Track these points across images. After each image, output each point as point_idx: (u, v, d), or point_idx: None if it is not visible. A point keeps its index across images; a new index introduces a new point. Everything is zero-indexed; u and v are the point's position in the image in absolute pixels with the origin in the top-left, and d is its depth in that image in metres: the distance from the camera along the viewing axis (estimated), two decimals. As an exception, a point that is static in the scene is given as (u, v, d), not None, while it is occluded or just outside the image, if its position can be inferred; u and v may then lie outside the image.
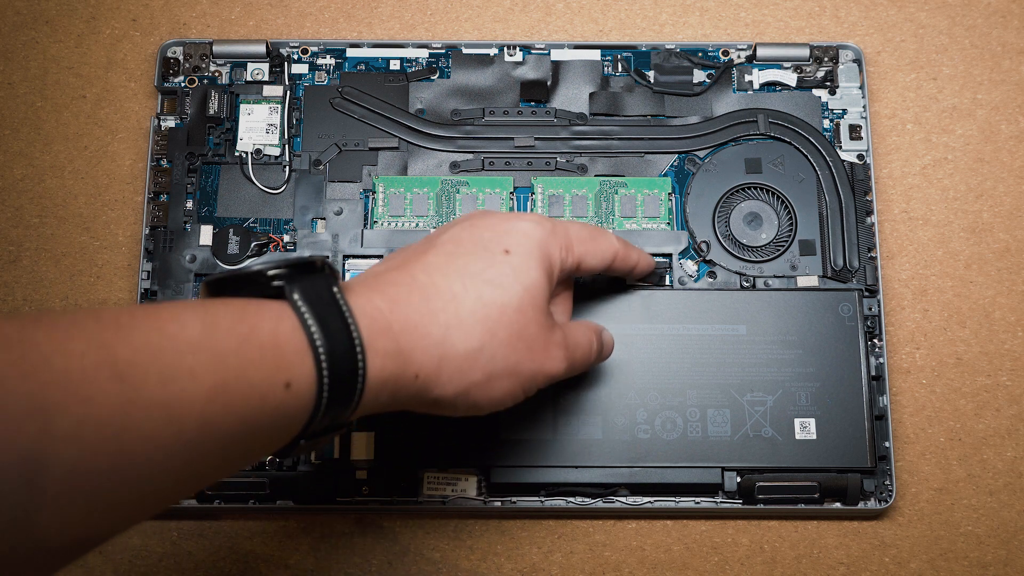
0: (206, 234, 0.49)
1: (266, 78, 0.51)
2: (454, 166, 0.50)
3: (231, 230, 0.49)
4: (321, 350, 0.30)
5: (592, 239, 0.40)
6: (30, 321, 0.25)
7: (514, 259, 0.36)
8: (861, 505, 0.45)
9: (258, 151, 0.50)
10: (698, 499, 0.45)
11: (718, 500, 0.45)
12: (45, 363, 0.24)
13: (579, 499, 0.45)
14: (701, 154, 0.50)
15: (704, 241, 0.48)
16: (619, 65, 0.51)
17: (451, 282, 0.34)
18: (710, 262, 0.48)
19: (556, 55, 0.51)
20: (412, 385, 0.33)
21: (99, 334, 0.26)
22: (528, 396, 0.37)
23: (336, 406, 0.31)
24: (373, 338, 0.32)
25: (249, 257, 0.48)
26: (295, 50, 0.51)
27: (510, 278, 0.35)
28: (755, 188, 0.49)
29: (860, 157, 0.50)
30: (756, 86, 0.51)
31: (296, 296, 0.31)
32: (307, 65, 0.51)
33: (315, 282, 0.31)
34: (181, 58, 0.51)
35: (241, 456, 0.30)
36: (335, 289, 0.32)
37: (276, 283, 0.31)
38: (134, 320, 0.27)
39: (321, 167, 0.50)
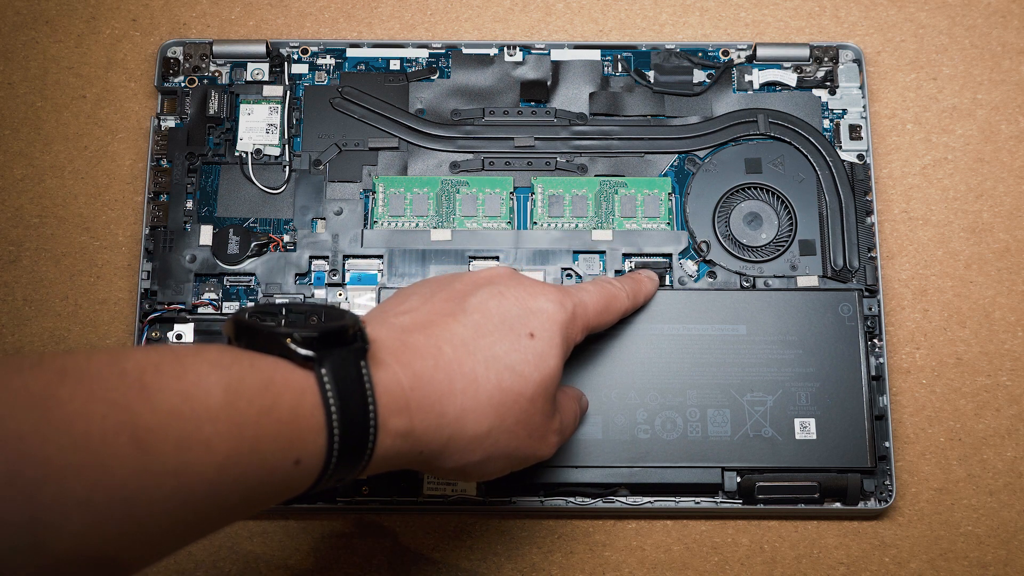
0: (206, 234, 0.49)
1: (266, 78, 0.51)
2: (454, 166, 0.50)
3: (231, 230, 0.49)
4: (336, 432, 0.30)
5: (606, 310, 0.42)
6: (56, 376, 0.25)
7: (537, 345, 0.36)
8: (861, 505, 0.45)
9: (258, 151, 0.50)
10: (698, 499, 0.45)
11: (718, 500, 0.45)
12: (67, 426, 0.24)
13: (579, 499, 0.45)
14: (701, 154, 0.50)
15: (704, 241, 0.48)
16: (619, 65, 0.51)
17: (475, 363, 0.35)
18: (710, 262, 0.48)
19: (556, 55, 0.51)
20: (415, 459, 0.34)
21: (123, 395, 0.26)
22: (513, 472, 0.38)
23: (337, 476, 0.31)
24: (388, 417, 0.32)
25: (249, 257, 0.48)
26: (295, 50, 0.51)
27: (531, 366, 0.36)
28: (755, 188, 0.49)
29: (860, 157, 0.50)
30: (756, 86, 0.51)
31: (324, 372, 0.30)
32: (307, 65, 0.51)
33: (345, 357, 0.31)
34: (181, 58, 0.51)
35: (238, 516, 0.30)
36: (363, 365, 0.31)
37: (304, 352, 0.30)
38: (159, 380, 0.27)
39: (321, 167, 0.50)
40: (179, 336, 0.47)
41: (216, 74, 0.51)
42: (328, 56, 0.51)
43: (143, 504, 0.25)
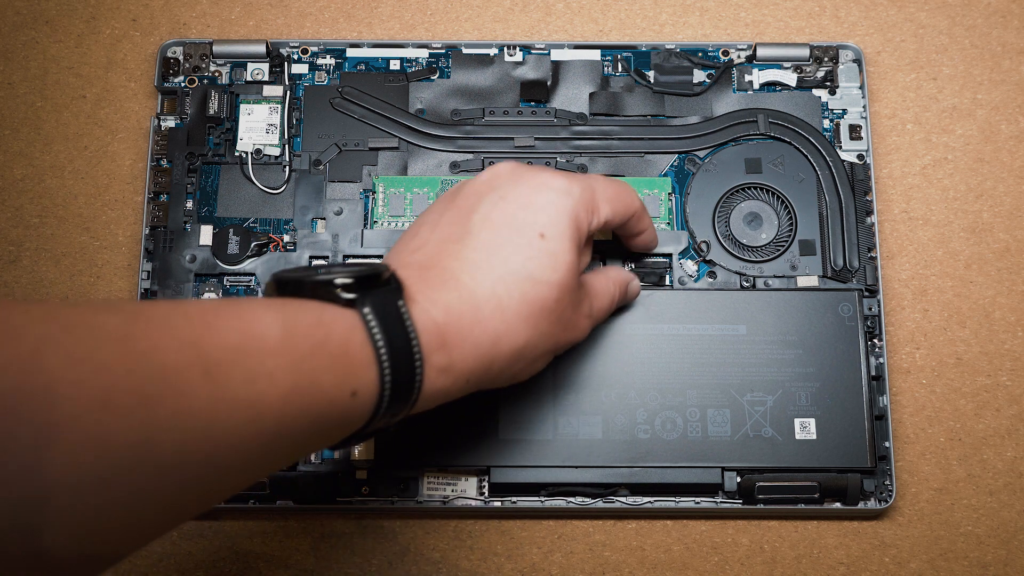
0: (206, 234, 0.49)
1: (266, 78, 0.51)
2: (454, 166, 0.50)
3: (231, 230, 0.49)
4: (386, 365, 0.32)
5: (618, 197, 0.41)
6: (130, 316, 0.27)
7: (549, 244, 0.37)
8: (861, 505, 0.45)
9: (258, 151, 0.50)
10: (698, 499, 0.45)
11: (718, 500, 0.45)
12: (146, 359, 0.26)
13: (579, 499, 0.45)
14: (701, 154, 0.50)
15: (704, 241, 0.48)
16: (619, 65, 0.51)
17: (495, 284, 0.36)
18: (710, 262, 0.48)
19: (556, 55, 0.51)
20: (463, 388, 0.36)
21: (190, 332, 0.28)
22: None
23: (391, 411, 0.33)
24: (430, 353, 0.34)
25: (249, 257, 0.48)
26: (295, 50, 0.51)
27: (548, 269, 0.37)
28: (755, 188, 0.49)
29: (860, 157, 0.50)
30: (756, 86, 0.51)
31: (367, 311, 0.32)
32: (307, 65, 0.51)
33: (383, 296, 0.33)
34: (181, 58, 0.51)
35: (302, 452, 0.32)
36: (400, 304, 0.33)
37: (347, 295, 0.32)
38: (220, 320, 0.29)
39: (321, 167, 0.50)
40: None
41: (216, 74, 0.51)
42: (328, 56, 0.51)
43: (221, 433, 0.27)
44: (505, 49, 0.51)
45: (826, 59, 0.51)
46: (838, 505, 0.45)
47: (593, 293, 0.41)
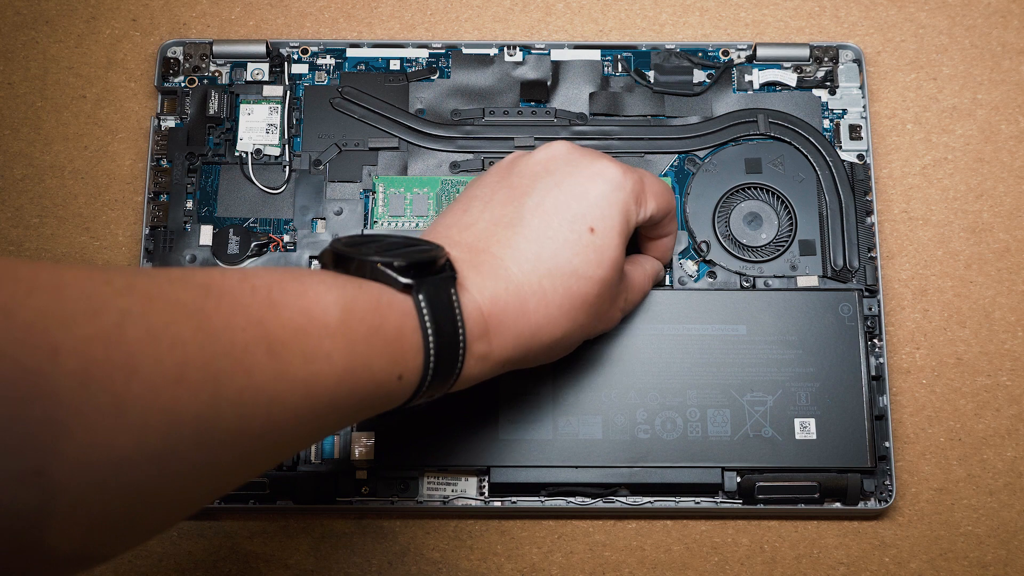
0: (206, 234, 0.49)
1: (266, 78, 0.51)
2: (454, 166, 0.50)
3: (231, 230, 0.49)
4: (432, 353, 0.33)
5: (663, 192, 0.42)
6: (201, 290, 0.28)
7: (598, 239, 0.37)
8: (861, 505, 0.45)
9: (258, 151, 0.50)
10: (698, 499, 0.45)
11: (718, 500, 0.45)
12: (216, 336, 0.27)
13: (579, 499, 0.45)
14: (701, 154, 0.50)
15: (704, 241, 0.48)
16: (619, 65, 0.51)
17: (542, 277, 0.36)
18: (710, 262, 0.48)
19: (556, 55, 0.51)
20: (497, 372, 0.37)
21: (256, 311, 0.28)
22: None
23: (428, 392, 0.34)
24: (473, 341, 0.35)
25: (249, 258, 0.48)
26: (295, 50, 0.51)
27: (594, 265, 0.37)
28: (755, 188, 0.49)
29: (860, 157, 0.50)
30: (756, 86, 0.51)
31: (421, 298, 0.33)
32: (307, 65, 0.51)
33: (438, 284, 0.34)
34: (181, 58, 0.51)
35: (344, 425, 0.33)
36: (452, 292, 0.34)
37: (404, 280, 0.33)
38: (284, 298, 0.29)
39: (321, 167, 0.50)
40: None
41: (216, 74, 0.51)
42: (328, 56, 0.51)
43: (281, 409, 0.28)
44: (505, 49, 0.51)
45: (826, 59, 0.51)
46: (838, 505, 0.45)
47: (631, 287, 0.43)
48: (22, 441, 0.22)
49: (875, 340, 0.47)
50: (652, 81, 0.51)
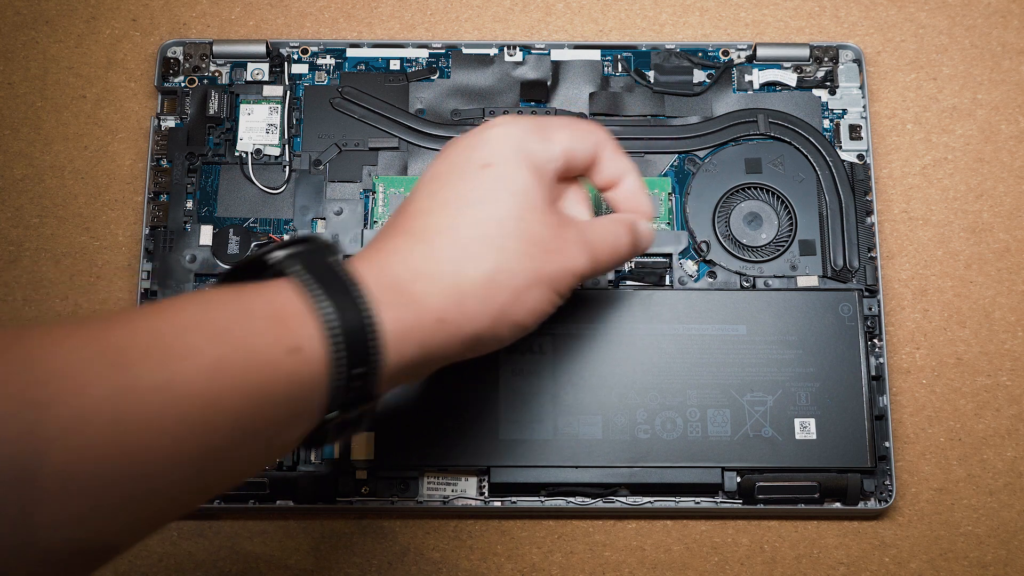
0: (206, 234, 0.49)
1: (266, 78, 0.51)
2: (454, 166, 0.50)
3: (231, 230, 0.49)
4: (327, 309, 0.29)
5: (574, 123, 0.38)
6: (25, 328, 0.26)
7: (496, 170, 0.35)
8: (861, 505, 0.45)
9: (258, 151, 0.50)
10: (698, 499, 0.45)
11: (718, 500, 0.45)
12: (38, 361, 0.24)
13: (579, 499, 0.45)
14: (701, 154, 0.50)
15: (704, 241, 0.48)
16: (619, 65, 0.51)
17: (441, 218, 0.34)
18: (710, 262, 0.48)
19: (556, 55, 0.51)
20: (441, 331, 0.32)
21: (95, 327, 0.26)
22: (565, 299, 0.36)
23: (360, 372, 0.30)
24: (380, 292, 0.31)
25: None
26: (295, 50, 0.51)
27: (497, 190, 0.34)
28: (755, 188, 0.49)
29: (860, 157, 0.50)
30: (756, 86, 0.51)
31: (294, 265, 0.30)
32: (307, 65, 0.51)
33: (312, 252, 0.31)
34: (181, 58, 0.51)
35: (262, 441, 0.29)
36: (333, 257, 0.31)
37: (272, 258, 0.31)
38: (132, 311, 0.28)
39: (321, 167, 0.50)
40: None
41: (216, 74, 0.51)
42: (328, 56, 0.51)
43: (132, 426, 0.25)
44: (505, 49, 0.51)
45: (826, 59, 0.51)
46: (838, 505, 0.45)
47: (592, 228, 0.37)
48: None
49: (875, 340, 0.47)
50: (652, 81, 0.51)
